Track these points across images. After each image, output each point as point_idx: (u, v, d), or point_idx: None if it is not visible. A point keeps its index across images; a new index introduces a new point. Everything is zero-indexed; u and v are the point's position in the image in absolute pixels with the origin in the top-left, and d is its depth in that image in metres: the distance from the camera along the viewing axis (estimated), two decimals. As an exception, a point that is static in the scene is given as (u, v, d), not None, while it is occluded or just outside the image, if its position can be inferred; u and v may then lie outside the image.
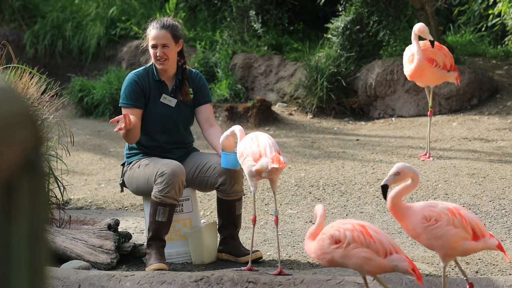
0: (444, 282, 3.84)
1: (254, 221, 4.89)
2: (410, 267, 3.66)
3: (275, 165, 4.56)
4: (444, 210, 3.74)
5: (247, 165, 4.67)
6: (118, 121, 4.93)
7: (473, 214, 3.91)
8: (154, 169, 5.04)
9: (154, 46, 5.20)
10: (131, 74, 5.30)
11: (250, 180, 4.72)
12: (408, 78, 7.40)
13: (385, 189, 3.76)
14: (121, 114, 5.06)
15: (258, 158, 4.62)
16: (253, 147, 4.67)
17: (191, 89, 5.34)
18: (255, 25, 11.49)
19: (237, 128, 4.90)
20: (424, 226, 3.70)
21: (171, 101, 5.28)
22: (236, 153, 4.83)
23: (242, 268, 4.87)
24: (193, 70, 5.46)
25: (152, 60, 5.26)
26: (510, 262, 4.79)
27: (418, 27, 7.14)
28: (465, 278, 3.92)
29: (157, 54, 5.18)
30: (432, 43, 7.19)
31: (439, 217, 3.71)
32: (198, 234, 5.21)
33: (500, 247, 3.83)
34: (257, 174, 4.66)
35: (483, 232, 3.78)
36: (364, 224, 3.77)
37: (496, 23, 11.26)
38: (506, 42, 11.10)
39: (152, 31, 5.21)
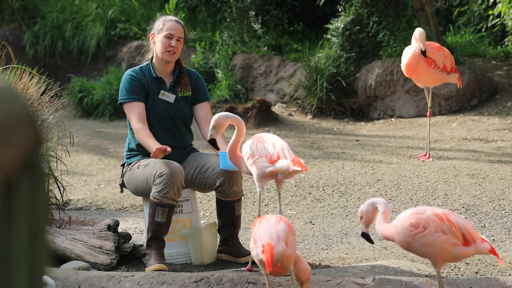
0: (440, 283, 3.80)
1: (257, 221, 4.86)
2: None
3: (298, 168, 4.40)
4: (432, 217, 3.64)
5: (259, 166, 4.49)
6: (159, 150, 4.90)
7: (463, 218, 3.82)
8: (153, 169, 5.03)
9: (170, 37, 5.21)
10: (128, 71, 5.32)
11: (258, 181, 4.57)
12: (404, 73, 7.35)
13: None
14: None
15: (276, 159, 4.46)
16: (268, 148, 4.50)
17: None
18: (255, 26, 11.49)
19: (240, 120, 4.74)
20: (413, 234, 3.62)
21: (170, 97, 5.28)
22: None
23: (242, 268, 4.87)
24: (190, 69, 5.47)
25: (159, 53, 5.24)
26: (503, 265, 4.76)
27: (419, 32, 7.12)
28: None
29: (171, 44, 5.20)
30: (423, 53, 7.15)
31: (427, 224, 3.62)
32: (197, 235, 5.21)
33: (492, 251, 3.73)
34: (270, 176, 4.52)
35: (473, 237, 3.68)
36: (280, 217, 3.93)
37: (496, 24, 11.26)
38: (506, 43, 11.10)
39: (169, 23, 5.24)
